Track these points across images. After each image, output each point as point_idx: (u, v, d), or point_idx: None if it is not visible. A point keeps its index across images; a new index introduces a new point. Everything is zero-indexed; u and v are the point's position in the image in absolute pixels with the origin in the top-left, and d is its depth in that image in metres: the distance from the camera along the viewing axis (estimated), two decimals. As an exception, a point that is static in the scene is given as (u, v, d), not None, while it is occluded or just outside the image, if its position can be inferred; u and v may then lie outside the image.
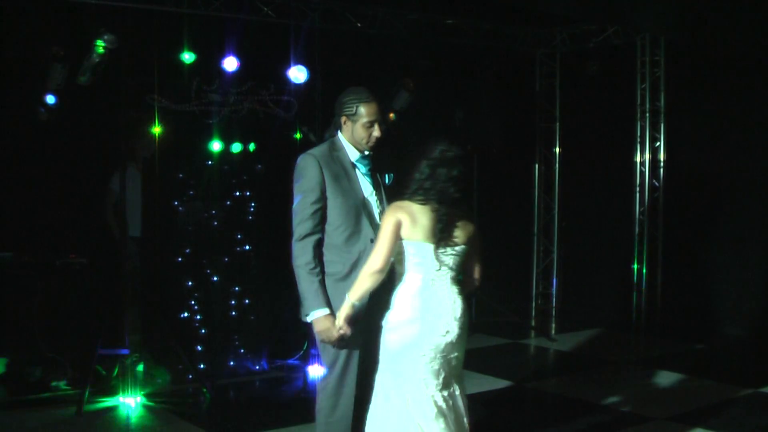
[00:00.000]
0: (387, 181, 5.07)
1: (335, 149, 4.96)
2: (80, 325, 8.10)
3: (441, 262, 4.47)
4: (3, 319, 7.98)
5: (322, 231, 4.85)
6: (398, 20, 10.58)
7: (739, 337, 10.49)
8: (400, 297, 4.52)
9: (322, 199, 4.81)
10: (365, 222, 4.85)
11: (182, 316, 8.47)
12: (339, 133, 5.01)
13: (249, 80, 8.79)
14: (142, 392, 7.51)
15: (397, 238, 4.44)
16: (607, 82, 11.87)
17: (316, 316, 4.72)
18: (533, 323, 12.00)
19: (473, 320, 10.90)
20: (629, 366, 9.33)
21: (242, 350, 8.64)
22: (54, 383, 7.84)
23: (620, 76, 11.60)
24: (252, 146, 8.98)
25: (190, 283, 8.53)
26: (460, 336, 4.50)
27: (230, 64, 8.77)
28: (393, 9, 10.44)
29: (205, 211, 8.70)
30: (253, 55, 9.07)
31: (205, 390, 7.69)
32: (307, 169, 4.84)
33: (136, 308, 8.01)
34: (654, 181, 11.35)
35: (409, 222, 4.41)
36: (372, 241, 4.78)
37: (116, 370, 7.55)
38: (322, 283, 4.79)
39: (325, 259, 4.87)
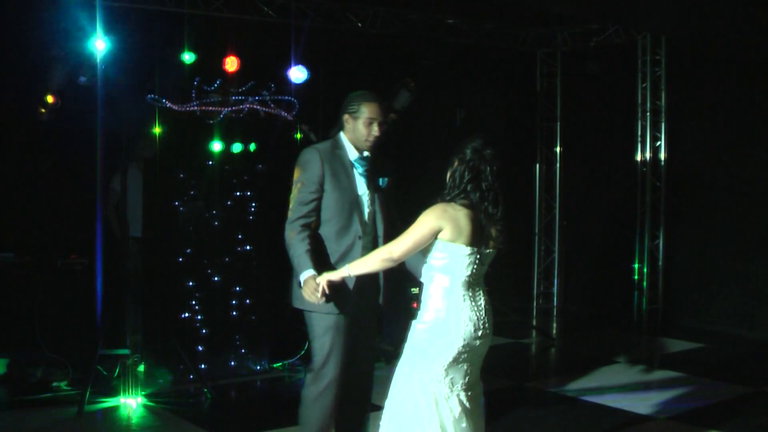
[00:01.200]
0: (381, 183, 5.25)
1: (337, 147, 5.23)
2: (81, 326, 8.09)
3: (481, 265, 4.46)
4: (4, 319, 7.97)
5: (316, 220, 5.12)
6: (399, 20, 10.59)
7: (739, 337, 10.49)
8: (431, 297, 4.46)
9: (320, 191, 5.09)
10: (355, 218, 5.14)
11: (183, 316, 8.46)
12: (341, 133, 5.27)
13: (250, 80, 8.79)
14: (143, 392, 7.50)
15: (429, 241, 4.38)
16: (608, 81, 11.88)
17: (304, 277, 4.88)
18: (534, 322, 12.00)
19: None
20: (630, 365, 9.32)
21: (243, 350, 8.64)
22: (55, 383, 7.83)
23: (621, 75, 11.60)
24: (253, 146, 8.98)
25: (191, 283, 8.53)
26: (489, 336, 4.52)
27: (231, 64, 8.76)
28: (394, 9, 10.45)
29: (206, 211, 8.69)
30: (254, 55, 9.07)
31: (206, 390, 7.69)
32: (311, 162, 5.12)
33: (137, 308, 8.01)
34: (655, 180, 11.34)
35: (452, 227, 4.33)
36: (360, 237, 5.12)
37: (117, 371, 7.54)
38: (309, 252, 4.96)
39: (314, 249, 5.06)
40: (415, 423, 4.38)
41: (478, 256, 4.42)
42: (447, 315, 4.39)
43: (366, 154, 5.23)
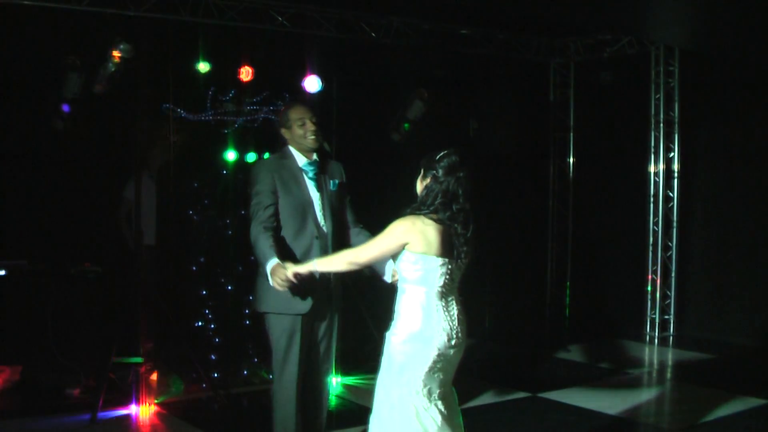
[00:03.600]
0: (332, 187, 5.57)
1: (284, 157, 5.58)
2: (94, 333, 8.12)
3: (452, 276, 4.48)
4: (18, 326, 8.01)
5: (277, 223, 5.39)
6: (413, 30, 10.60)
7: (752, 348, 10.45)
8: (405, 309, 4.49)
9: (274, 197, 5.38)
10: (310, 221, 5.44)
11: (196, 324, 8.48)
12: (288, 145, 5.59)
13: (264, 90, 8.82)
14: (156, 401, 7.53)
15: (395, 251, 4.46)
16: (621, 92, 11.86)
17: (270, 266, 5.05)
18: (547, 333, 11.98)
19: (488, 329, 10.93)
20: (643, 376, 9.30)
21: (256, 359, 8.64)
22: (68, 391, 7.86)
23: (634, 86, 11.59)
24: (266, 156, 8.99)
25: (204, 292, 8.54)
26: (461, 344, 4.54)
27: (245, 73, 8.80)
28: (408, 19, 10.46)
29: (219, 220, 8.71)
30: (268, 65, 9.10)
31: (218, 399, 7.69)
32: (261, 174, 5.45)
33: (150, 316, 8.03)
34: (668, 191, 11.33)
35: (419, 239, 4.38)
36: (317, 238, 5.41)
37: (130, 378, 7.55)
38: (272, 247, 5.18)
39: (278, 245, 5.33)
40: None
41: (449, 267, 4.44)
42: (422, 326, 4.41)
43: (315, 158, 5.56)
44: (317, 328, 5.55)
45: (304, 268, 4.83)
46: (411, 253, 4.40)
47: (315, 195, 5.50)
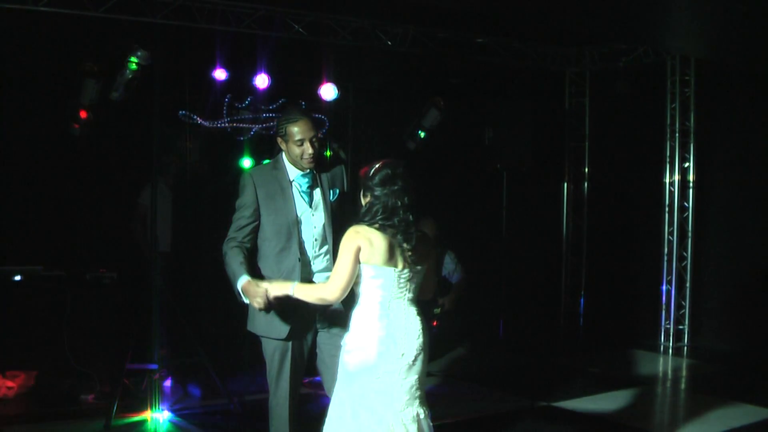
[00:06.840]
0: (332, 197, 5.18)
1: (276, 168, 5.17)
2: (109, 339, 8.13)
3: (401, 286, 4.44)
4: (33, 331, 8.02)
5: (253, 242, 5.12)
6: (429, 39, 10.61)
7: (767, 359, 10.40)
8: (358, 319, 4.48)
9: (254, 215, 5.06)
10: (294, 241, 5.04)
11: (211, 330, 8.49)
12: (282, 153, 5.19)
13: (280, 97, 8.84)
14: (170, 407, 7.53)
15: (357, 264, 4.39)
16: (637, 101, 11.85)
17: (242, 283, 4.87)
18: (561, 342, 11.95)
19: (502, 338, 10.90)
20: (657, 386, 9.26)
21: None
22: (82, 396, 7.87)
23: (650, 95, 11.57)
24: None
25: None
26: (417, 357, 4.48)
27: (262, 81, 8.83)
28: (423, 27, 10.47)
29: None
30: (285, 73, 9.12)
31: (233, 405, 7.70)
32: (244, 188, 5.11)
33: (164, 323, 8.05)
34: (683, 201, 11.30)
35: (367, 246, 4.33)
36: (299, 260, 5.04)
37: (144, 385, 7.56)
38: (243, 264, 4.95)
39: (250, 262, 5.10)
40: None
41: (396, 276, 4.42)
42: (370, 337, 4.41)
43: (309, 170, 5.13)
44: (307, 346, 5.33)
45: (279, 290, 4.66)
46: (360, 263, 4.40)
47: (305, 212, 5.11)
